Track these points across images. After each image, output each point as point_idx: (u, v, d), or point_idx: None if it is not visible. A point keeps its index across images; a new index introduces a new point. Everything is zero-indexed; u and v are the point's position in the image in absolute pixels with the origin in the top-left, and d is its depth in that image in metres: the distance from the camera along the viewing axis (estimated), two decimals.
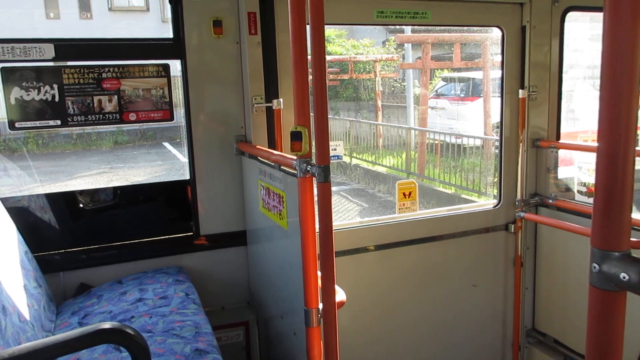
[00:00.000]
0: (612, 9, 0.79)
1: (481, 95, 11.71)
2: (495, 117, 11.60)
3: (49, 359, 1.31)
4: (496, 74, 12.41)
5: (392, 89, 16.10)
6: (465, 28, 9.53)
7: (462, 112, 12.80)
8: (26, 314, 2.03)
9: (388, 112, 15.29)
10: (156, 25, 15.59)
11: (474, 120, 11.95)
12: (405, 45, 13.54)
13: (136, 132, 14.59)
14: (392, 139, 12.23)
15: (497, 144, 3.45)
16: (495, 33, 3.30)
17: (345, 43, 15.73)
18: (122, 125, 2.76)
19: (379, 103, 13.49)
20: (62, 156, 13.46)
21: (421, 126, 12.08)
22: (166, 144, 14.52)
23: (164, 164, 12.87)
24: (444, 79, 14.58)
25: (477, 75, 12.37)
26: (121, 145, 14.61)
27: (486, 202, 3.80)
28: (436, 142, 10.85)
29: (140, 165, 12.91)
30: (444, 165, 10.40)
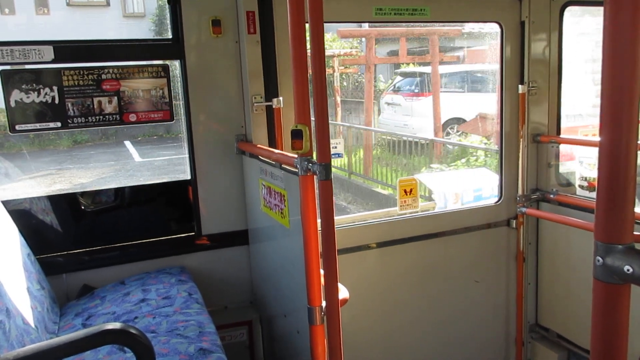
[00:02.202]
0: (613, 2, 0.79)
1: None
2: (447, 115, 11.26)
3: None
4: (447, 69, 12.05)
5: (356, 84, 15.84)
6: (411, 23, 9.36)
7: (416, 108, 12.47)
8: (30, 316, 2.03)
9: (349, 108, 14.96)
10: (118, 21, 15.18)
11: (428, 116, 11.61)
12: (363, 39, 13.10)
13: (97, 131, 13.95)
14: (351, 137, 11.67)
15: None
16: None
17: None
18: (122, 126, 2.75)
19: (338, 99, 13.05)
20: (14, 157, 12.65)
21: (366, 124, 11.60)
22: (127, 143, 14.04)
23: (116, 165, 12.40)
24: (401, 74, 14.07)
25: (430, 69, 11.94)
26: (80, 145, 14.01)
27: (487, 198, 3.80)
28: (391, 139, 10.50)
29: (90, 167, 12.42)
30: (397, 163, 10.05)
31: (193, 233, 2.92)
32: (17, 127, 2.51)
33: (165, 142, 14.09)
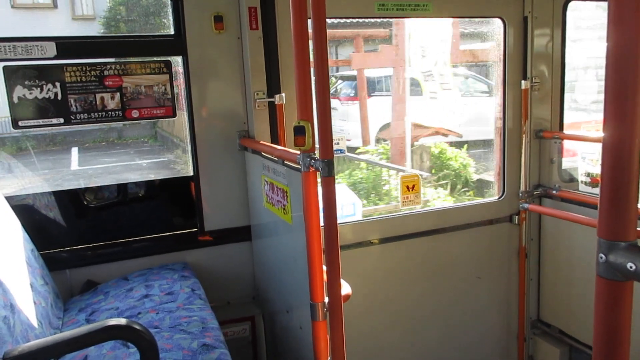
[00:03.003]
0: None
1: (372, 94, 10.94)
2: (384, 119, 10.66)
3: (58, 355, 1.32)
4: (389, 71, 11.50)
5: None
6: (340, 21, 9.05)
7: (352, 112, 11.82)
8: (34, 311, 2.04)
9: None
10: (66, 24, 14.36)
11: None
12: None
13: (44, 137, 13.18)
14: None
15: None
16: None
17: None
18: (125, 122, 2.75)
19: None
20: None
21: None
22: (74, 150, 13.15)
23: (48, 174, 11.52)
24: (341, 77, 13.52)
25: (371, 73, 11.33)
26: (24, 152, 12.87)
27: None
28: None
29: (19, 176, 11.09)
30: None
31: (196, 229, 2.92)
32: (20, 124, 2.52)
33: (113, 148, 13.47)
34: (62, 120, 2.59)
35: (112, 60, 2.66)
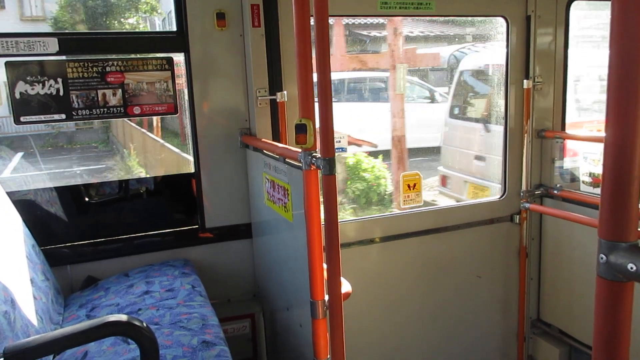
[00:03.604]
0: None
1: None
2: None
3: (59, 351, 1.32)
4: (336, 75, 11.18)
5: None
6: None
7: None
8: (35, 307, 2.05)
9: None
10: (14, 24, 13.93)
11: None
12: None
13: None
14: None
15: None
16: None
17: None
18: (127, 118, 2.75)
19: None
20: None
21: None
22: (18, 155, 12.47)
23: None
24: None
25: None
26: None
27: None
28: None
29: None
30: None
31: (197, 226, 2.93)
32: (21, 119, 2.52)
33: (58, 153, 13.02)
34: (63, 116, 2.59)
35: (114, 56, 2.66)
